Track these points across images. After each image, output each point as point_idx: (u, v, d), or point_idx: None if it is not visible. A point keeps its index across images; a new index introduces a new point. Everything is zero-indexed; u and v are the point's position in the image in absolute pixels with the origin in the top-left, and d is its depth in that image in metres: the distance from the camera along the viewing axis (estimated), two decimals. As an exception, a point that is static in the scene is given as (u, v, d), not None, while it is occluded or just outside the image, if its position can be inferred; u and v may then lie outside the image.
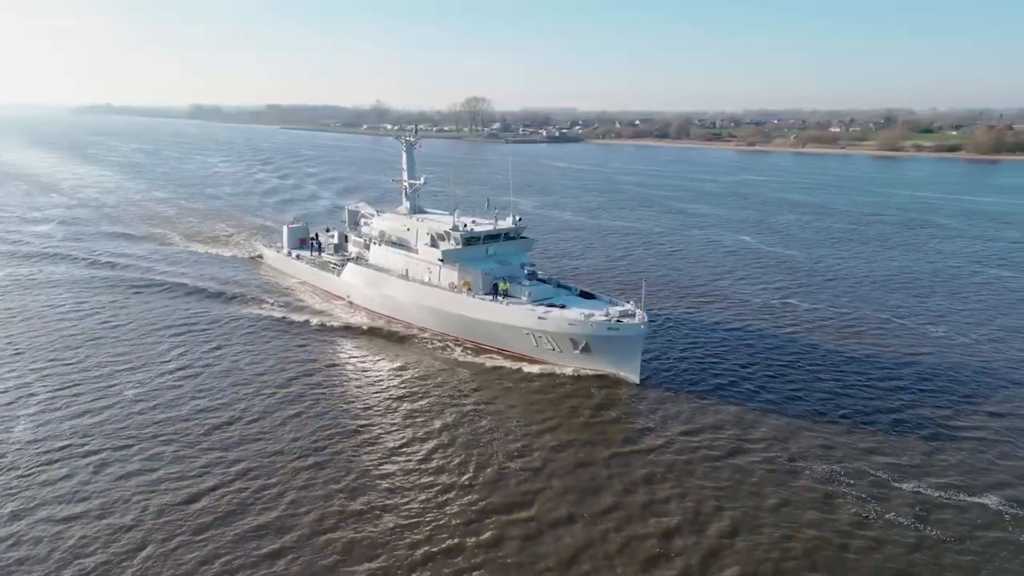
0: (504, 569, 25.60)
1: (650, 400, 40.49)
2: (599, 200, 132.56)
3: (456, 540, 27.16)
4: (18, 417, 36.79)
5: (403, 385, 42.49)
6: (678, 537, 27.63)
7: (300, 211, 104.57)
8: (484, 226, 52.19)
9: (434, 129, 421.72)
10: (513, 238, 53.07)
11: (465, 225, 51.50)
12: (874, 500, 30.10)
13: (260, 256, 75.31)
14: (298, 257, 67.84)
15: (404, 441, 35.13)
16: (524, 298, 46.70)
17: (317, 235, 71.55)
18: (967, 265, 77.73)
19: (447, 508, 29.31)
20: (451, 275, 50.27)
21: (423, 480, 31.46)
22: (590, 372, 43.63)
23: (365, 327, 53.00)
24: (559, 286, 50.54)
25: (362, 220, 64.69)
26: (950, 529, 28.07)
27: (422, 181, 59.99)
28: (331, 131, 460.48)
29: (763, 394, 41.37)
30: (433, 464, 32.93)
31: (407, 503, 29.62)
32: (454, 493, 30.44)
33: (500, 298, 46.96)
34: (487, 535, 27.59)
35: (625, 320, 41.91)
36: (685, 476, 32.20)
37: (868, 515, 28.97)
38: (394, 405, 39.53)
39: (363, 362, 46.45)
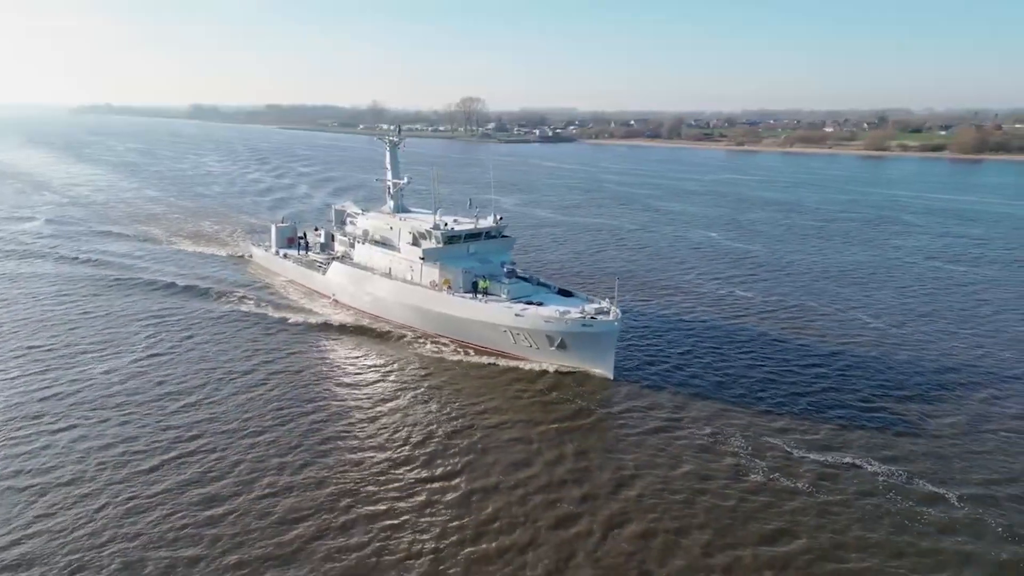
0: (429, 527, 28.36)
1: (592, 384, 43.19)
2: (580, 198, 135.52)
3: (388, 505, 29.90)
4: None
5: (360, 372, 45.20)
6: (592, 500, 30.41)
7: (291, 210, 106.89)
8: (465, 225, 53.39)
9: (429, 129, 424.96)
10: (494, 237, 53.94)
11: (446, 224, 52.67)
12: (776, 470, 32.84)
13: (249, 255, 76.66)
14: (285, 256, 69.14)
15: (353, 421, 37.89)
16: (503, 296, 47.60)
17: (305, 234, 72.83)
18: (923, 261, 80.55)
19: (383, 477, 32.06)
20: (432, 273, 51.36)
21: (366, 455, 34.14)
22: (566, 368, 44.80)
23: (329, 321, 55.04)
24: (539, 284, 51.75)
25: (348, 219, 65.73)
26: (835, 494, 30.86)
27: (405, 180, 61.04)
28: (328, 131, 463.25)
29: (702, 378, 44.10)
30: (377, 441, 35.62)
31: (348, 473, 32.34)
32: (393, 465, 33.17)
33: (480, 296, 47.99)
34: (418, 500, 30.36)
35: (599, 317, 42.89)
36: (610, 450, 34.99)
37: (766, 482, 31.76)
38: (349, 391, 42.23)
39: (325, 352, 49.11)
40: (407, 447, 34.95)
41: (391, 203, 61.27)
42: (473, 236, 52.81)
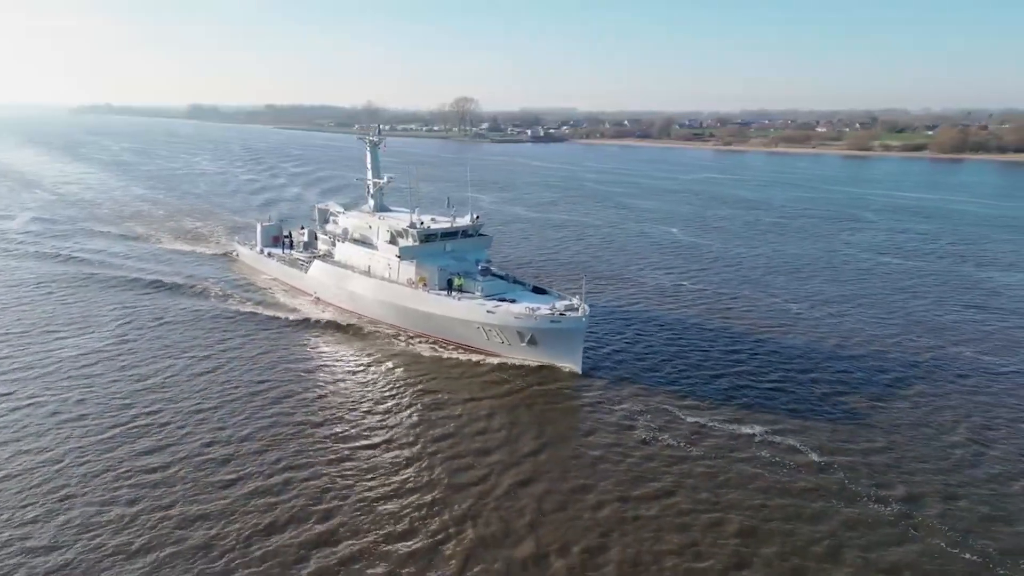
0: (352, 487, 31.71)
1: (530, 367, 46.48)
2: (555, 196, 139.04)
3: (318, 469, 33.20)
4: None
5: (316, 360, 48.47)
6: (503, 463, 33.80)
7: (279, 210, 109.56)
8: (442, 224, 54.70)
9: (424, 129, 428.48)
10: (471, 235, 55.32)
11: (423, 223, 54.20)
12: (675, 440, 36.26)
13: (234, 253, 78.54)
14: (270, 255, 71.00)
15: (300, 400, 41.25)
16: (477, 293, 49.03)
17: (290, 233, 74.82)
18: (874, 256, 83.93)
19: (318, 447, 35.39)
20: (409, 271, 52.81)
21: (306, 428, 37.48)
22: (536, 363, 46.78)
23: (305, 316, 57.19)
24: (514, 282, 53.52)
25: (330, 218, 67.50)
26: (719, 460, 34.36)
27: (385, 180, 62.56)
28: (325, 131, 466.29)
29: (635, 362, 47.44)
30: (319, 417, 38.90)
31: (286, 444, 35.70)
32: (330, 437, 36.56)
33: (454, 293, 49.72)
34: (347, 465, 33.69)
35: (568, 314, 44.39)
36: (534, 423, 38.45)
37: (660, 450, 35.22)
38: (303, 376, 45.50)
39: (291, 343, 52.19)
40: (343, 423, 38.23)
41: (371, 202, 62.74)
42: (449, 234, 54.36)
